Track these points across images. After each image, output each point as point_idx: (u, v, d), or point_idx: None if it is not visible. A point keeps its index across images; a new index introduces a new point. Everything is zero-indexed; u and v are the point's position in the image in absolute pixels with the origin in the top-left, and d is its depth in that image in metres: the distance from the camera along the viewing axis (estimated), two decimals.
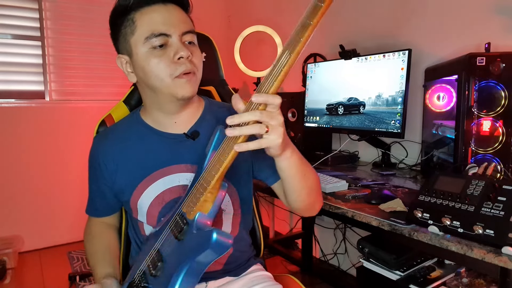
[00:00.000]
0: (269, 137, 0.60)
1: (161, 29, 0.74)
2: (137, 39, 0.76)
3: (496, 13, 1.36)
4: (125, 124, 0.91)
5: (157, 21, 0.74)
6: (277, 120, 0.60)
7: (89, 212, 0.94)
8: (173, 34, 0.75)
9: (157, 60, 0.75)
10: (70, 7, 2.46)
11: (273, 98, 0.58)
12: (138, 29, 0.75)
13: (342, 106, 1.68)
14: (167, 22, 0.75)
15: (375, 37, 1.81)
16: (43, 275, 2.14)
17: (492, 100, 1.06)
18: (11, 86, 2.38)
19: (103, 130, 0.93)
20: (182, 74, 0.75)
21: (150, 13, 0.75)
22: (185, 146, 0.84)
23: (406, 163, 1.60)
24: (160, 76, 0.76)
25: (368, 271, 1.28)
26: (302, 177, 0.73)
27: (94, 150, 0.88)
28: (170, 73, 0.75)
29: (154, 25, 0.74)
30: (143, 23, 0.75)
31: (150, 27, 0.74)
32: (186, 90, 0.77)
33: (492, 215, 0.77)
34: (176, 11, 0.77)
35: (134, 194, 0.84)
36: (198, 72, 0.79)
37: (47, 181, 2.48)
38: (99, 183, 0.88)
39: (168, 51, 0.75)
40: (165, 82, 0.76)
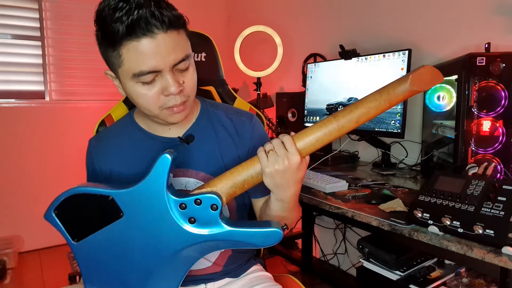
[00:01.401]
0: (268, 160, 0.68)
1: (150, 67, 0.67)
2: (124, 72, 0.70)
3: (496, 13, 1.36)
4: (119, 127, 0.89)
5: (145, 57, 0.67)
6: (282, 154, 0.68)
7: None
8: (163, 69, 0.69)
9: (146, 94, 0.71)
10: (70, 7, 2.46)
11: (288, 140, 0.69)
12: (125, 64, 0.69)
13: (342, 106, 1.68)
14: (156, 56, 0.67)
15: (375, 37, 1.81)
16: (43, 275, 2.14)
17: (492, 100, 1.06)
18: (11, 86, 2.38)
19: (98, 133, 0.92)
20: (172, 107, 0.74)
21: (137, 49, 0.66)
22: (179, 151, 0.83)
23: (406, 163, 1.60)
24: (148, 108, 0.74)
25: (368, 271, 1.28)
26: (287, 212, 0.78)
27: (89, 154, 0.87)
28: (159, 106, 0.73)
29: (142, 62, 0.67)
30: (130, 59, 0.68)
31: (138, 65, 0.67)
32: (175, 118, 0.76)
33: (492, 215, 0.77)
34: (166, 40, 0.67)
35: None
36: (190, 98, 0.76)
37: (47, 181, 2.48)
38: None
39: (158, 83, 0.70)
40: (153, 112, 0.75)
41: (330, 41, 2.03)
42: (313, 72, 1.84)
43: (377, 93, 0.71)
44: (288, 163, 0.67)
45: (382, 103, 0.69)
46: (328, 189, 1.20)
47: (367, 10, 1.86)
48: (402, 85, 0.68)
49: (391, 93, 0.69)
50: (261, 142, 0.89)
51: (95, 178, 0.86)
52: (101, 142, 0.87)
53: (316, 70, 1.83)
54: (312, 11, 2.23)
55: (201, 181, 0.83)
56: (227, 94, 1.17)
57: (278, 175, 0.68)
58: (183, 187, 0.83)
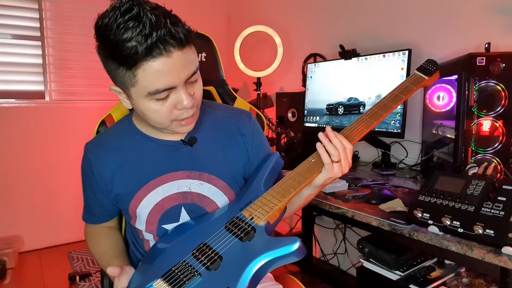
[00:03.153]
0: (333, 168, 0.75)
1: (166, 84, 0.68)
2: (138, 91, 0.69)
3: (496, 13, 1.36)
4: (118, 131, 0.87)
5: (161, 76, 0.66)
6: (345, 163, 0.76)
7: (87, 219, 0.92)
8: (178, 85, 0.69)
9: (158, 109, 0.71)
10: (70, 7, 2.46)
11: (350, 145, 0.77)
12: (140, 84, 0.68)
13: (342, 106, 1.68)
14: (172, 74, 0.67)
15: (375, 37, 1.81)
16: (43, 275, 2.14)
17: (492, 100, 1.06)
18: (11, 86, 2.38)
19: (95, 138, 0.88)
20: (182, 121, 0.75)
21: (154, 68, 0.65)
22: (182, 153, 0.83)
23: (406, 163, 1.60)
24: (161, 121, 0.74)
25: (368, 271, 1.28)
26: (303, 204, 0.86)
27: (87, 159, 0.84)
28: (170, 119, 0.74)
29: (158, 81, 0.67)
30: (146, 79, 0.67)
31: (154, 84, 0.67)
32: (185, 129, 0.79)
33: (492, 215, 0.77)
34: (181, 57, 0.67)
35: (132, 203, 0.82)
36: (198, 106, 0.78)
37: (47, 181, 2.48)
38: (95, 192, 0.85)
39: (171, 99, 0.71)
40: (164, 125, 0.76)
41: (330, 41, 2.03)
42: (313, 72, 1.84)
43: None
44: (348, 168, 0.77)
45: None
46: (328, 189, 1.20)
47: (367, 10, 1.86)
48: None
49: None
50: (261, 138, 0.92)
51: (94, 184, 0.84)
52: (101, 147, 0.84)
53: (316, 70, 1.83)
54: (312, 11, 2.23)
55: (205, 182, 0.83)
56: (227, 94, 1.17)
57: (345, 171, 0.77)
58: (187, 189, 0.82)
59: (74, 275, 2.02)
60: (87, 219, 0.92)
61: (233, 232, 0.72)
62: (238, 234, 0.71)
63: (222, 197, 0.84)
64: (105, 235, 0.90)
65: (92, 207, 0.89)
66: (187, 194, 0.82)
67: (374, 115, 0.82)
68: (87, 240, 0.92)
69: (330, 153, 0.75)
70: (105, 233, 0.91)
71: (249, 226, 0.71)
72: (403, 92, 0.85)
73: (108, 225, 0.93)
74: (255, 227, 0.71)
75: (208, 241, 0.73)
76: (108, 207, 0.87)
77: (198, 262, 0.69)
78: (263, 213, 0.72)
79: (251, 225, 0.71)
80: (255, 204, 0.75)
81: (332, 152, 0.74)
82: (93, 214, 0.90)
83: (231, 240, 0.71)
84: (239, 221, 0.74)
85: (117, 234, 0.93)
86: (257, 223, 0.71)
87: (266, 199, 0.75)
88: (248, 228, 0.71)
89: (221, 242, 0.72)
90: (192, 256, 0.71)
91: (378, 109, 0.83)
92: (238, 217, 0.74)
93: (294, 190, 0.74)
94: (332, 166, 0.75)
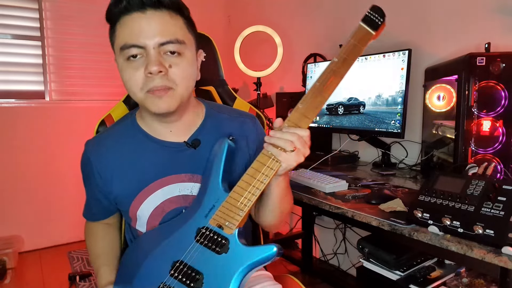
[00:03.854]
0: (291, 157, 0.69)
1: (133, 40, 0.69)
2: (116, 48, 0.73)
3: (496, 13, 1.36)
4: (120, 130, 0.85)
5: (131, 31, 0.69)
6: (305, 149, 0.70)
7: (87, 216, 0.93)
8: (147, 45, 0.69)
9: (130, 73, 0.71)
10: (70, 7, 2.46)
11: (305, 132, 0.70)
12: (116, 39, 0.72)
13: (342, 106, 1.68)
14: (143, 32, 0.69)
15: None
16: (43, 275, 2.14)
17: (492, 100, 1.06)
18: (11, 86, 2.38)
19: (96, 137, 0.87)
20: (153, 90, 0.71)
21: (127, 23, 0.70)
22: (185, 155, 0.81)
23: (406, 163, 1.60)
24: (132, 89, 0.73)
25: (368, 271, 1.28)
26: (281, 199, 0.80)
27: (86, 158, 0.83)
28: (141, 87, 0.72)
29: (129, 35, 0.70)
30: (120, 33, 0.71)
31: (124, 38, 0.70)
32: (157, 107, 0.72)
33: (492, 215, 0.77)
34: (157, 19, 0.69)
35: (132, 205, 0.81)
36: (177, 86, 0.73)
37: (47, 181, 2.48)
38: (94, 191, 0.85)
39: (142, 63, 0.70)
40: (137, 96, 0.73)
41: (330, 41, 2.03)
42: (313, 72, 1.84)
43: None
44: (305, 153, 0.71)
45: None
46: (328, 189, 1.20)
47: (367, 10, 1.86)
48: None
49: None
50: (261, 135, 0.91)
51: (93, 183, 0.83)
52: (101, 147, 0.83)
53: (316, 70, 1.83)
54: (312, 11, 2.23)
55: None
56: (227, 94, 1.17)
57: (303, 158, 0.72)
58: (189, 192, 0.82)
59: (74, 275, 2.02)
60: (87, 215, 0.92)
61: (206, 245, 0.71)
62: (213, 248, 0.71)
63: None
64: (101, 236, 0.91)
65: (91, 205, 0.89)
66: (189, 197, 0.82)
67: (326, 88, 0.71)
68: (85, 237, 0.94)
69: (283, 147, 0.69)
70: (102, 233, 0.91)
71: (221, 238, 0.71)
72: (352, 55, 0.73)
73: (107, 222, 0.92)
74: (227, 238, 0.70)
75: (184, 258, 0.72)
76: (106, 206, 0.87)
77: (179, 283, 0.70)
78: (232, 222, 0.71)
79: (223, 236, 0.71)
80: (220, 211, 0.72)
81: (285, 146, 0.68)
82: (92, 212, 0.91)
83: (207, 254, 0.71)
84: (209, 232, 0.72)
85: (114, 234, 0.93)
86: (228, 233, 0.70)
87: (230, 203, 0.72)
88: (221, 241, 0.70)
89: (197, 258, 0.71)
90: (171, 277, 0.71)
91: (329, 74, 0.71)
92: (207, 228, 0.72)
93: (259, 190, 0.71)
94: (288, 156, 0.69)
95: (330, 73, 0.71)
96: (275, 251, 0.69)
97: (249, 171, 0.72)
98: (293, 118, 0.71)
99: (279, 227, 0.91)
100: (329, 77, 0.71)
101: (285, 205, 0.82)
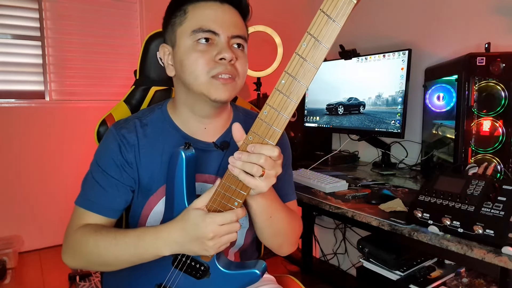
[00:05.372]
0: (261, 183, 0.62)
1: (210, 26, 0.71)
2: (184, 30, 0.73)
3: (496, 13, 1.36)
4: (154, 119, 0.81)
5: (208, 17, 0.71)
6: (275, 170, 0.63)
7: (86, 204, 0.77)
8: (221, 33, 0.71)
9: (198, 55, 0.71)
10: (70, 7, 2.46)
11: (274, 151, 0.61)
12: (188, 21, 0.72)
13: (342, 106, 1.68)
14: (219, 20, 0.72)
15: (375, 37, 1.81)
16: (43, 275, 2.14)
17: (492, 100, 1.06)
18: (11, 86, 2.38)
19: (127, 123, 0.79)
20: (219, 76, 0.71)
21: (204, 8, 0.72)
22: (212, 156, 0.80)
23: (406, 163, 1.60)
24: (196, 72, 0.71)
25: (368, 271, 1.28)
26: (266, 219, 0.74)
27: (115, 139, 0.76)
28: (207, 71, 0.71)
29: (205, 20, 0.71)
30: (194, 16, 0.72)
31: (200, 22, 0.71)
32: (220, 93, 0.71)
33: (492, 215, 0.77)
34: (232, 13, 0.74)
35: (151, 199, 0.77)
36: (239, 79, 0.74)
37: (47, 181, 2.48)
38: (121, 175, 0.76)
39: (212, 49, 0.71)
40: (199, 80, 0.71)
41: None
42: None
43: None
44: (280, 166, 0.64)
45: None
46: (328, 189, 1.20)
47: (367, 10, 1.86)
48: None
49: None
50: (283, 150, 0.88)
51: (120, 166, 0.75)
52: (132, 131, 0.77)
53: None
54: (312, 11, 2.23)
55: None
56: None
57: (275, 180, 0.65)
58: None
59: (74, 275, 2.02)
60: (85, 204, 0.77)
61: (186, 271, 0.70)
62: (193, 274, 0.70)
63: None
64: (100, 226, 0.76)
65: (108, 191, 0.76)
66: None
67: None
68: (78, 247, 0.77)
69: (250, 172, 0.61)
70: (99, 226, 0.76)
71: (199, 265, 0.69)
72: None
73: (103, 222, 0.78)
74: (207, 265, 0.69)
75: (166, 283, 0.72)
76: (118, 201, 0.77)
77: None
78: None
79: (201, 263, 0.69)
80: None
81: (252, 171, 0.61)
82: (101, 202, 0.76)
83: (189, 280, 0.70)
84: (186, 259, 0.70)
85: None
86: (205, 259, 0.69)
87: None
88: (200, 268, 0.69)
89: (179, 283, 0.71)
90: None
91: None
92: (183, 255, 0.69)
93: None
94: (257, 182, 0.62)
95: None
96: (258, 274, 0.68)
97: (217, 194, 0.65)
98: (259, 130, 0.61)
99: (282, 250, 0.83)
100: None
101: (274, 226, 0.76)
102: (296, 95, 0.58)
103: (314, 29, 0.55)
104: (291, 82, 0.57)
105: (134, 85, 1.03)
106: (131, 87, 1.03)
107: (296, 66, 0.57)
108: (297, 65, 0.57)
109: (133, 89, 1.02)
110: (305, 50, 0.56)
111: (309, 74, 0.57)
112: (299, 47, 0.56)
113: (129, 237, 0.69)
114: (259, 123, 0.61)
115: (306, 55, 0.56)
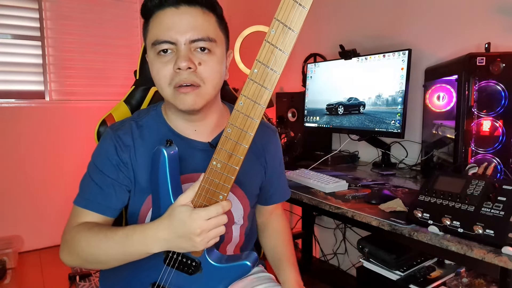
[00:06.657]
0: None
1: (165, 36, 0.69)
2: (148, 42, 0.73)
3: (496, 13, 1.36)
4: (149, 121, 0.82)
5: (164, 26, 0.70)
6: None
7: (87, 204, 0.76)
8: (178, 41, 0.69)
9: (159, 67, 0.71)
10: (70, 7, 2.46)
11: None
12: (149, 33, 0.73)
13: (342, 106, 1.68)
14: (175, 27, 0.69)
15: (375, 37, 1.81)
16: (43, 275, 2.14)
17: (492, 100, 1.06)
18: (11, 86, 2.38)
19: (122, 125, 0.80)
20: (179, 86, 0.70)
21: (160, 18, 0.70)
22: (208, 156, 0.77)
23: (406, 163, 1.60)
24: (160, 84, 0.73)
25: (368, 271, 1.28)
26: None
27: (111, 140, 0.77)
28: (169, 82, 0.71)
29: (160, 30, 0.70)
30: (153, 27, 0.72)
31: (156, 33, 0.71)
32: (183, 103, 0.71)
33: (492, 215, 0.77)
34: (190, 14, 0.70)
35: (148, 199, 0.78)
36: (204, 84, 0.72)
37: (47, 181, 2.48)
38: (118, 174, 0.76)
39: (171, 57, 0.71)
40: (165, 92, 0.73)
41: (330, 41, 2.03)
42: (313, 72, 1.84)
43: None
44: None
45: None
46: (328, 189, 1.20)
47: (367, 10, 1.86)
48: None
49: None
50: (280, 158, 0.93)
51: (116, 166, 0.76)
52: (126, 133, 0.78)
53: (316, 70, 1.83)
54: (312, 11, 2.22)
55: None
56: (227, 94, 1.17)
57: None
58: None
59: (74, 275, 2.02)
60: (87, 204, 0.77)
61: (178, 268, 0.71)
62: (185, 270, 0.70)
63: (237, 205, 0.84)
64: (94, 224, 0.76)
65: (106, 190, 0.76)
66: None
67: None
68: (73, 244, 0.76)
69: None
70: (94, 224, 0.76)
71: (191, 261, 0.70)
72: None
73: (99, 221, 0.78)
74: (198, 260, 0.70)
75: (160, 281, 0.72)
76: (115, 201, 0.77)
77: None
78: None
79: (192, 259, 0.70)
80: None
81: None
82: (98, 201, 0.76)
83: (182, 276, 0.71)
84: (177, 256, 0.70)
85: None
86: (196, 255, 0.70)
87: None
88: (192, 263, 0.70)
89: (173, 280, 0.71)
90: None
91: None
92: (174, 252, 0.70)
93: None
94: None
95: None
96: (249, 266, 0.69)
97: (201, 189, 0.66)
98: (237, 122, 0.61)
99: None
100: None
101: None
102: (270, 83, 0.58)
103: (281, 14, 0.55)
104: (264, 70, 0.57)
105: (134, 85, 1.03)
106: (131, 87, 1.03)
107: (267, 53, 0.56)
108: (267, 52, 0.56)
109: (133, 89, 1.02)
110: (274, 37, 0.56)
111: (280, 60, 0.56)
112: (267, 34, 0.56)
113: (119, 235, 0.69)
114: (236, 114, 0.60)
115: (276, 42, 0.56)
